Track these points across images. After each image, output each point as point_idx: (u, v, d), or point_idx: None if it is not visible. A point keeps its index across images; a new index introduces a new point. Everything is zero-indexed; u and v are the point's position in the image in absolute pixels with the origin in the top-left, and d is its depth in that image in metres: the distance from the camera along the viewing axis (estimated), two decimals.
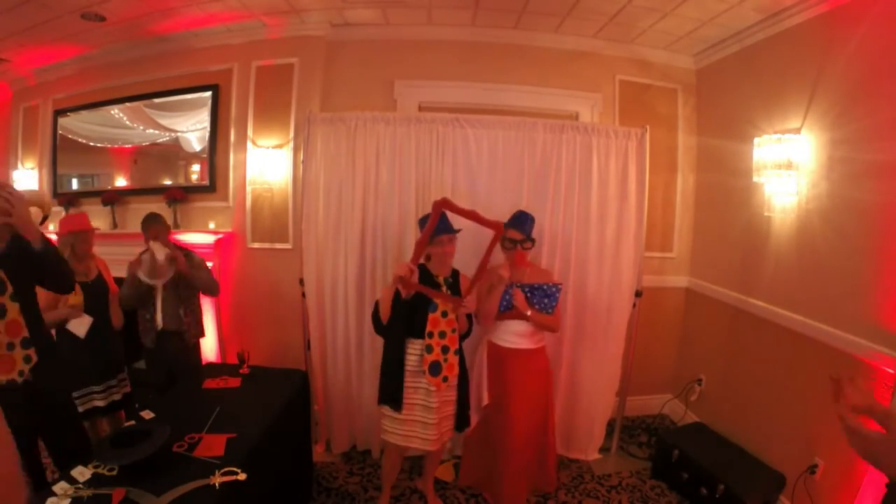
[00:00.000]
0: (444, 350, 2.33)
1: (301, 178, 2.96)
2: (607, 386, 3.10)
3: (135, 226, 3.71)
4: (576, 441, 3.17)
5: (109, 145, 3.89)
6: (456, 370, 2.37)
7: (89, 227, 2.61)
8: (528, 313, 2.43)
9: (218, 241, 3.50)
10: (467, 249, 2.56)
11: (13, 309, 1.79)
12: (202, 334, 2.94)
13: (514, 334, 2.52)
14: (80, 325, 2.48)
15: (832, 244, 2.39)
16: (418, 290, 2.24)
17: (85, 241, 2.58)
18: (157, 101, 3.66)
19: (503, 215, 2.62)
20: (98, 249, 2.73)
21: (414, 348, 2.34)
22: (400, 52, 3.40)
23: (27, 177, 4.14)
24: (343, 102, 3.32)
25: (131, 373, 2.93)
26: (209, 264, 3.46)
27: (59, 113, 3.96)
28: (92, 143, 3.92)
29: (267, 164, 3.38)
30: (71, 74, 3.86)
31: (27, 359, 1.83)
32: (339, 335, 2.99)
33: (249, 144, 3.43)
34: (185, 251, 2.84)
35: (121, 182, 3.90)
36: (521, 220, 2.51)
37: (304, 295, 2.97)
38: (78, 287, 2.45)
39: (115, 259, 2.87)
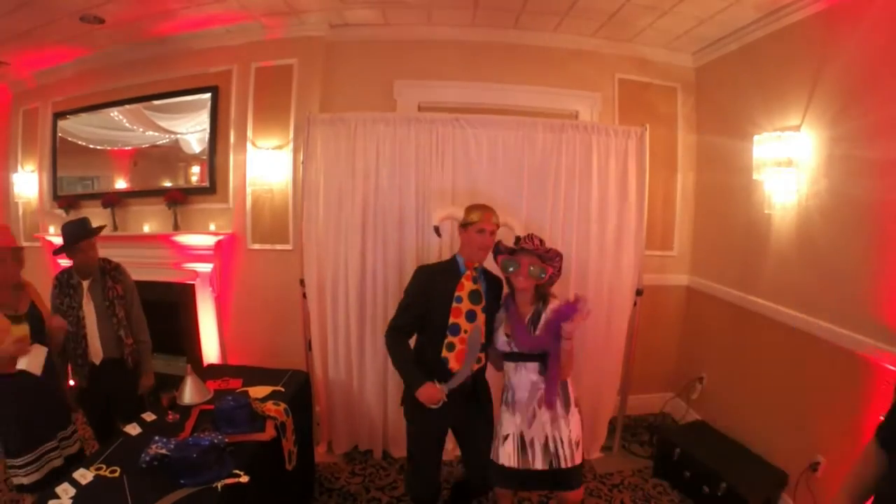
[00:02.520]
0: None
1: (301, 179, 2.96)
2: (609, 384, 3.10)
3: (135, 228, 3.75)
4: None
5: (109, 147, 3.89)
6: None
7: (12, 244, 2.07)
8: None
9: (218, 242, 3.50)
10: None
11: None
12: (137, 355, 2.49)
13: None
14: (35, 359, 1.94)
15: (832, 241, 2.39)
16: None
17: (17, 258, 2.06)
18: (156, 102, 3.66)
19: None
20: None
21: None
22: (400, 52, 3.40)
23: (27, 180, 4.15)
24: (343, 103, 3.32)
25: None
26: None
27: (59, 115, 3.96)
28: (92, 146, 3.92)
29: (267, 165, 3.38)
30: (70, 77, 3.86)
31: None
32: (340, 335, 2.99)
33: (249, 146, 3.43)
34: (115, 266, 2.47)
35: (121, 184, 3.90)
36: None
37: (304, 296, 2.98)
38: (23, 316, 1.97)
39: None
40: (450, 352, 2.12)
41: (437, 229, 2.41)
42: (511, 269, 2.06)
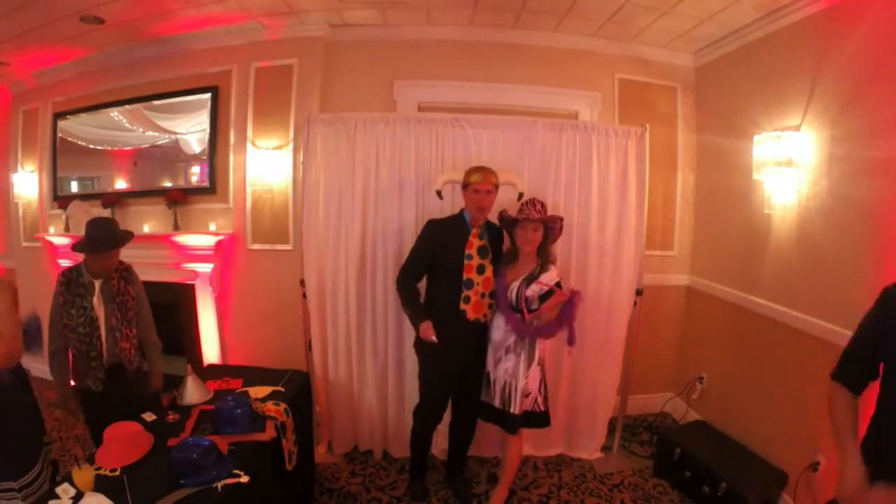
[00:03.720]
0: None
1: (301, 180, 2.96)
2: (609, 384, 3.10)
3: (135, 228, 3.72)
4: (577, 440, 3.17)
5: (109, 147, 3.89)
6: None
7: None
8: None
9: (218, 242, 3.50)
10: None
11: None
12: (140, 361, 2.35)
13: None
14: None
15: (833, 241, 2.39)
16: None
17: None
18: (156, 103, 3.66)
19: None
20: None
21: None
22: (399, 53, 3.40)
23: (27, 180, 4.15)
24: (342, 103, 3.32)
25: None
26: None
27: (59, 116, 3.96)
28: (91, 146, 3.92)
29: (267, 165, 3.38)
30: (70, 77, 3.86)
31: None
32: (340, 336, 2.99)
33: (249, 146, 3.43)
34: (126, 267, 2.29)
35: (121, 184, 3.90)
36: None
37: (304, 296, 2.97)
38: None
39: None
40: (466, 304, 2.41)
41: (439, 193, 2.64)
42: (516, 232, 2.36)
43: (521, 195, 2.50)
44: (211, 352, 3.60)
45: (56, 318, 2.18)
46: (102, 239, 2.11)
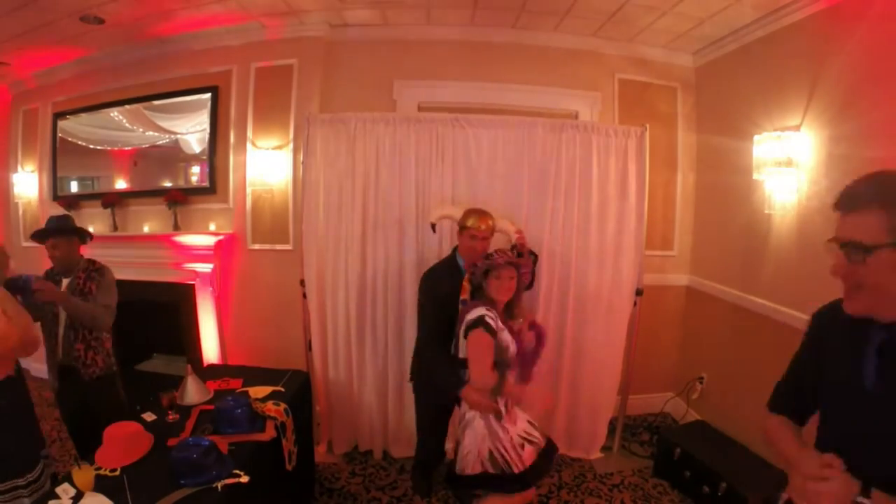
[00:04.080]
0: None
1: (301, 179, 2.96)
2: (609, 384, 3.11)
3: (135, 228, 3.75)
4: (577, 440, 3.17)
5: (109, 148, 3.89)
6: None
7: None
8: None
9: (218, 242, 3.50)
10: None
11: None
12: (104, 367, 2.36)
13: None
14: None
15: None
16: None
17: None
18: (156, 103, 3.66)
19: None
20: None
21: None
22: (399, 52, 3.40)
23: (27, 180, 4.15)
24: (342, 103, 3.32)
25: None
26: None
27: (59, 116, 3.97)
28: (92, 146, 3.92)
29: (267, 165, 3.38)
30: (70, 77, 3.87)
31: None
32: (340, 336, 2.99)
33: (249, 146, 3.43)
34: (98, 267, 2.38)
35: (121, 184, 3.90)
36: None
37: (304, 296, 2.98)
38: None
39: (115, 262, 2.81)
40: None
41: (433, 226, 2.62)
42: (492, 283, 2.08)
43: (513, 247, 2.40)
44: (211, 352, 3.60)
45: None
46: (48, 228, 2.30)
